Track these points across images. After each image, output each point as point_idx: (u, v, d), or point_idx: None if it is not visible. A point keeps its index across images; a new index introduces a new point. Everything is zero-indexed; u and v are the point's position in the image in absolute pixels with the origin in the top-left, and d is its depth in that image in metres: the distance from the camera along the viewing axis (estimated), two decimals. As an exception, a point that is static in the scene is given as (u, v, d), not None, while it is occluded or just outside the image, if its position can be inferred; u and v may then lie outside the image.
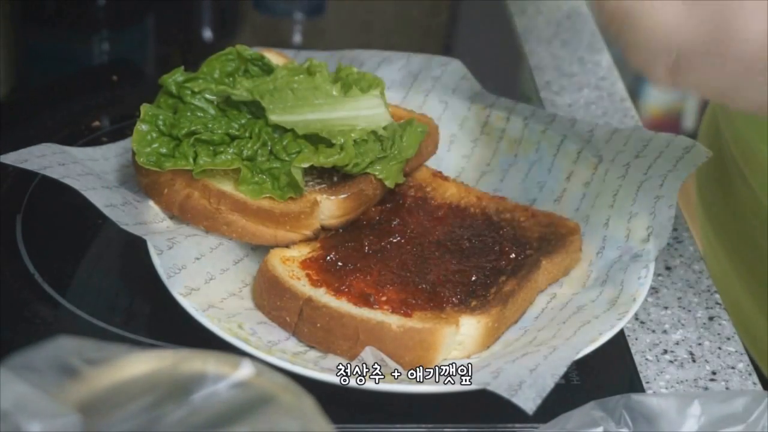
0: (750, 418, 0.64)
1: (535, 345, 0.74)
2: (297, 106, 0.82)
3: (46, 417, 0.49)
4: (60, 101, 1.07)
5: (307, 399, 0.53)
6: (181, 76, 0.83)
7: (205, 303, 0.75)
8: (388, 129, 0.85)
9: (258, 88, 0.82)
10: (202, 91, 0.83)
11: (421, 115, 0.92)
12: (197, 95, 0.82)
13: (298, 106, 0.82)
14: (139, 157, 0.80)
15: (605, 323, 0.76)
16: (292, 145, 0.81)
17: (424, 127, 0.88)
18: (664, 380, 0.79)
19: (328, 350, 0.75)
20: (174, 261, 0.77)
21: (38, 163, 0.81)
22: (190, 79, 0.83)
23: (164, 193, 0.81)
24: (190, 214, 0.80)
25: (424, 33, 1.33)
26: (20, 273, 0.83)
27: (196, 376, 0.52)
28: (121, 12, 1.25)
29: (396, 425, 0.73)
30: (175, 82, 0.83)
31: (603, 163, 0.90)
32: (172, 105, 0.83)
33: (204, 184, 0.80)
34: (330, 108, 0.83)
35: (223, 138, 0.81)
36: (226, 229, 0.80)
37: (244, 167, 0.80)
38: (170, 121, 0.81)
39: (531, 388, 0.67)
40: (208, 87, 0.83)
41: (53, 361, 0.52)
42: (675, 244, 0.93)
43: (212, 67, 0.84)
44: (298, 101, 0.83)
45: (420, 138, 0.87)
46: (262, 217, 0.80)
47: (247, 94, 0.81)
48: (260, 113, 0.82)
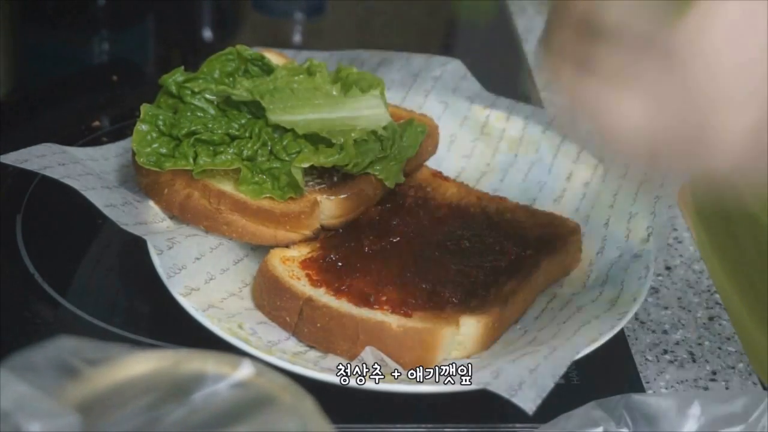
0: (750, 418, 0.64)
1: (535, 345, 0.74)
2: (297, 106, 0.82)
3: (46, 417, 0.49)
4: (60, 101, 1.07)
5: (307, 399, 0.53)
6: (181, 76, 0.83)
7: (205, 303, 0.75)
8: (388, 129, 0.85)
9: (258, 88, 0.82)
10: (202, 91, 0.82)
11: (421, 115, 0.92)
12: (197, 95, 0.82)
13: (298, 106, 0.82)
14: (139, 157, 0.80)
15: (605, 323, 0.75)
16: (292, 145, 0.81)
17: (424, 127, 0.88)
18: (664, 380, 0.79)
19: (328, 350, 0.75)
20: (174, 261, 0.77)
21: (38, 163, 0.81)
22: (190, 79, 0.83)
23: (164, 193, 0.81)
24: (190, 214, 0.80)
25: (424, 33, 1.33)
26: (20, 273, 0.83)
27: (196, 376, 0.52)
28: (121, 12, 1.25)
29: (396, 425, 0.73)
30: (175, 82, 0.83)
31: (603, 163, 0.90)
32: (173, 105, 0.83)
33: (204, 184, 0.80)
34: (330, 108, 0.83)
35: (223, 138, 0.81)
36: (226, 229, 0.80)
37: (244, 167, 0.80)
38: (170, 121, 0.81)
39: (531, 388, 0.67)
40: (208, 87, 0.83)
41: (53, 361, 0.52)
42: (675, 244, 0.93)
43: (212, 67, 0.84)
44: (298, 101, 0.83)
45: (420, 138, 0.87)
46: (262, 217, 0.80)
47: (247, 94, 0.81)
48: (260, 113, 0.82)
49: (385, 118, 0.85)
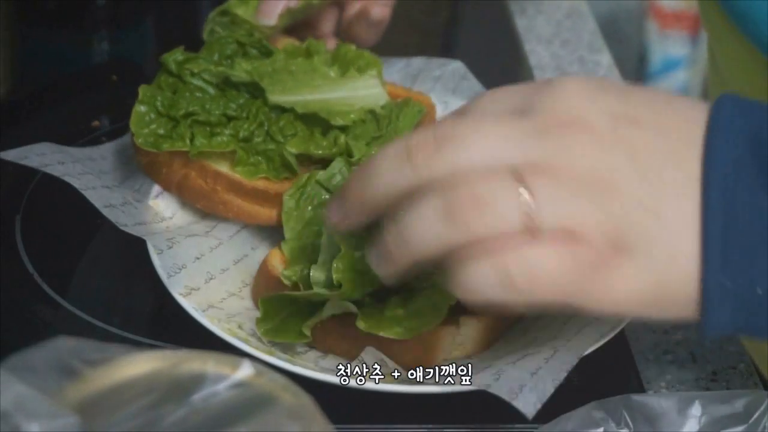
0: (751, 419, 0.64)
1: (536, 346, 0.74)
2: (296, 87, 0.83)
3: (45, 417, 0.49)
4: (60, 101, 1.07)
5: (307, 399, 0.53)
6: (181, 55, 0.83)
7: (205, 303, 0.75)
8: (385, 108, 0.85)
9: (257, 70, 0.82)
10: (201, 71, 0.83)
11: (418, 93, 0.92)
12: (196, 75, 0.83)
13: (297, 87, 0.83)
14: (137, 138, 0.81)
15: (606, 324, 0.75)
16: (288, 127, 0.81)
17: (421, 107, 0.88)
18: (664, 380, 0.79)
19: (328, 350, 0.74)
20: (174, 261, 0.77)
21: (38, 161, 0.81)
22: (190, 59, 0.83)
23: (162, 173, 0.81)
24: (187, 193, 0.81)
25: (424, 33, 1.33)
26: (20, 273, 0.83)
27: (196, 376, 0.52)
28: (121, 12, 1.25)
29: (396, 425, 0.72)
30: (175, 61, 0.83)
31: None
32: (172, 84, 0.83)
33: (201, 164, 0.80)
34: (328, 89, 0.84)
35: (220, 119, 0.81)
36: (222, 208, 0.80)
37: (240, 149, 0.80)
38: (168, 101, 0.82)
39: (532, 392, 0.67)
40: (208, 68, 0.83)
41: (53, 361, 0.52)
42: (675, 244, 0.93)
43: (212, 49, 0.85)
44: (296, 83, 0.83)
45: (416, 117, 0.88)
46: (257, 198, 0.80)
47: (246, 76, 0.82)
48: (259, 94, 0.82)
49: (383, 97, 0.85)
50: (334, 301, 0.70)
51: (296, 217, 0.78)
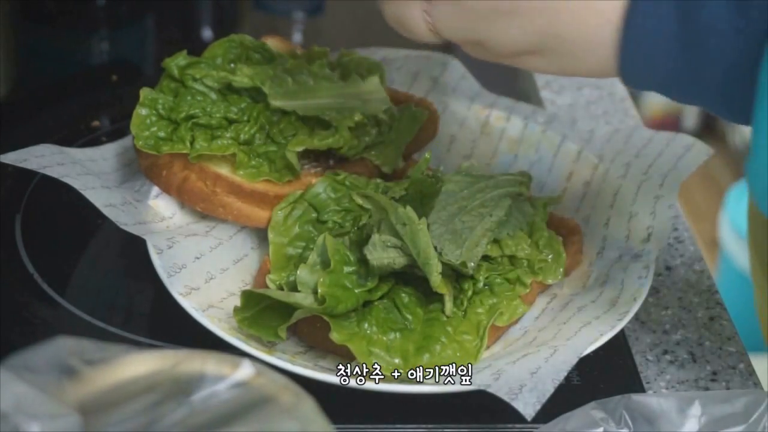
0: (751, 419, 0.64)
1: (535, 345, 0.74)
2: (298, 92, 0.83)
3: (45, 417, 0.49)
4: (60, 101, 1.07)
5: (307, 399, 0.53)
6: (183, 60, 0.83)
7: (205, 303, 0.75)
8: (387, 113, 0.85)
9: (259, 75, 0.82)
10: (203, 77, 0.83)
11: (421, 99, 0.92)
12: (198, 81, 0.83)
13: (299, 92, 0.83)
14: (137, 141, 0.81)
15: (606, 324, 0.75)
16: (288, 128, 0.82)
17: (422, 112, 0.88)
18: (664, 380, 0.79)
19: (328, 350, 0.74)
20: (174, 260, 0.77)
21: (37, 162, 0.81)
22: (192, 64, 0.83)
23: (162, 175, 0.81)
24: (187, 196, 0.81)
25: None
26: (20, 273, 0.83)
27: (196, 376, 0.52)
28: (120, 12, 1.25)
29: (396, 425, 0.72)
30: (177, 65, 0.83)
31: (603, 163, 0.90)
32: (174, 89, 0.83)
33: (201, 167, 0.81)
34: (330, 94, 0.84)
35: (220, 122, 0.81)
36: (222, 211, 0.80)
37: (241, 152, 0.80)
38: (169, 105, 0.82)
39: (531, 392, 0.67)
40: (210, 73, 0.83)
41: (53, 361, 0.52)
42: (675, 244, 0.93)
43: (214, 53, 0.85)
44: (298, 87, 0.83)
45: (418, 123, 0.88)
46: (257, 200, 0.80)
47: (248, 81, 0.82)
48: (261, 98, 0.82)
49: (385, 102, 0.85)
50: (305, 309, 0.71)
51: (282, 232, 0.79)
